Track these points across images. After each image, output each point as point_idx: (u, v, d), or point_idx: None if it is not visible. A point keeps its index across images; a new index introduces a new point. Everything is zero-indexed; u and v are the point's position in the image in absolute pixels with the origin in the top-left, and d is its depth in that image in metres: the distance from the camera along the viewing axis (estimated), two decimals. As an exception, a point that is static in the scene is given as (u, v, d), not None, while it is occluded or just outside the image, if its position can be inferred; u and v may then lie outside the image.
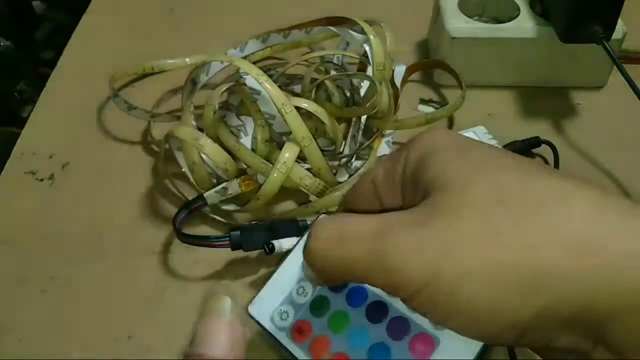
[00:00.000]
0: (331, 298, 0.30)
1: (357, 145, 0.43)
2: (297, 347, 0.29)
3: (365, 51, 0.42)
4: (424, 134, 0.25)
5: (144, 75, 0.51)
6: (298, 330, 0.29)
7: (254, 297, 0.31)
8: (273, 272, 0.31)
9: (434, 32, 0.52)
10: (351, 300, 0.29)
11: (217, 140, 0.39)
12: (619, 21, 0.46)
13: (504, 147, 0.41)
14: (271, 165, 0.38)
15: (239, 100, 0.43)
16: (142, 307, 0.37)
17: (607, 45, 0.44)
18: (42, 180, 0.44)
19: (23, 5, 0.76)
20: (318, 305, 0.30)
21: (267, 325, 0.30)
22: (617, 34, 0.46)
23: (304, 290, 0.30)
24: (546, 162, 0.45)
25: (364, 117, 0.44)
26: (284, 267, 0.31)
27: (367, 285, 0.29)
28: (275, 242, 0.36)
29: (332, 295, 0.30)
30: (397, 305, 0.28)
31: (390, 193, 0.24)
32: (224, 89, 0.41)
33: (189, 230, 0.40)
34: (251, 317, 0.30)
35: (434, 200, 0.21)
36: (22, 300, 0.37)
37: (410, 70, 0.50)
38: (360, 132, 0.43)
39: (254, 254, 0.38)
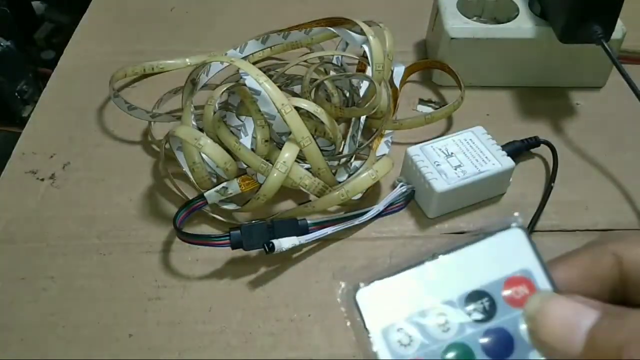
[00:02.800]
0: (479, 356, 0.21)
1: (357, 145, 0.43)
2: None
3: (364, 52, 0.42)
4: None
5: (144, 75, 0.51)
6: None
7: (366, 281, 0.22)
8: (403, 265, 0.23)
9: (433, 32, 0.52)
10: None
11: (217, 140, 0.39)
12: (619, 21, 0.46)
13: (503, 147, 0.41)
14: (271, 165, 0.38)
15: (239, 100, 0.43)
16: (143, 306, 0.37)
17: (606, 45, 0.44)
18: (42, 179, 0.44)
19: (23, 5, 0.76)
20: (457, 357, 0.21)
21: (376, 339, 0.22)
22: (616, 34, 0.46)
23: (447, 323, 0.22)
24: (545, 162, 0.45)
25: (363, 117, 0.44)
26: (427, 270, 0.22)
27: None
28: (275, 242, 0.36)
29: (483, 358, 0.22)
30: None
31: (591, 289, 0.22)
32: (224, 89, 0.41)
33: (190, 229, 0.40)
34: (356, 306, 0.22)
35: None
36: (22, 299, 0.37)
37: (409, 71, 0.50)
38: (360, 132, 0.43)
39: (254, 253, 0.39)
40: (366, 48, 0.42)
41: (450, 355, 0.21)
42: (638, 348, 0.18)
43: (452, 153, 0.40)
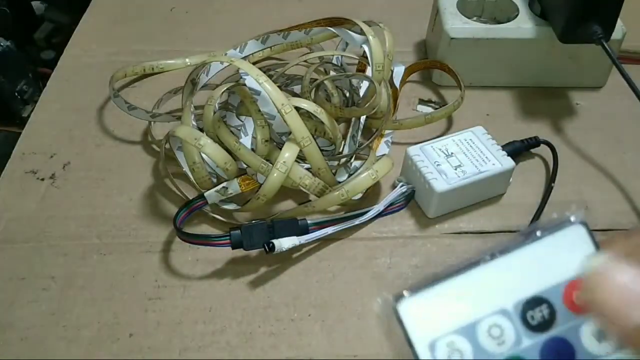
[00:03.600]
0: None
1: (357, 145, 0.43)
2: None
3: (364, 52, 0.42)
4: None
5: (144, 75, 0.52)
6: None
7: (409, 291, 0.20)
8: (450, 271, 0.20)
9: (433, 32, 0.52)
10: None
11: (217, 140, 0.40)
12: (619, 21, 0.46)
13: (503, 147, 0.41)
14: (271, 165, 0.38)
15: (239, 100, 0.43)
16: (143, 306, 0.37)
17: (606, 45, 0.44)
18: (42, 179, 0.44)
19: (23, 5, 0.76)
20: None
21: (421, 351, 0.19)
22: (616, 34, 0.46)
23: (502, 335, 0.19)
24: (545, 162, 0.45)
25: (363, 117, 0.44)
26: (478, 275, 0.20)
27: None
28: (275, 241, 0.36)
29: None
30: None
31: None
32: (224, 89, 0.41)
33: (190, 229, 0.40)
34: (398, 318, 0.20)
35: None
36: (22, 299, 0.37)
37: (409, 71, 0.50)
38: (360, 132, 0.43)
39: (254, 253, 0.39)
40: (366, 48, 0.42)
41: None
42: None
43: (452, 153, 0.40)
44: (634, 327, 0.17)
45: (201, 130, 0.40)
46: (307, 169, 0.39)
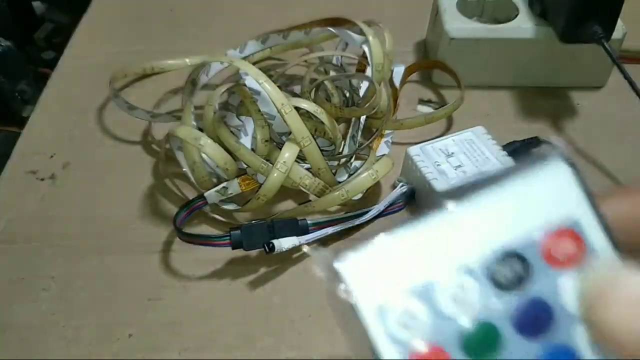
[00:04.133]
0: (508, 340, 0.16)
1: (357, 145, 0.43)
2: None
3: (364, 52, 0.42)
4: None
5: (144, 75, 0.51)
6: None
7: (353, 248, 0.16)
8: (402, 223, 0.16)
9: (433, 32, 0.52)
10: None
11: (217, 140, 0.39)
12: (619, 21, 0.46)
13: (504, 147, 0.41)
14: (271, 165, 0.38)
15: (239, 100, 0.43)
16: (143, 306, 0.37)
17: (606, 45, 0.44)
18: (42, 179, 0.44)
19: (23, 5, 0.76)
20: (480, 340, 0.16)
21: (368, 317, 0.16)
22: (617, 33, 0.46)
23: (465, 296, 0.16)
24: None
25: (363, 118, 0.44)
26: (436, 226, 0.16)
27: (582, 355, 0.16)
28: (275, 242, 0.36)
29: (513, 337, 0.16)
30: None
31: None
32: (224, 89, 0.41)
33: (190, 229, 0.40)
34: (342, 279, 0.16)
35: None
36: (22, 299, 0.37)
37: (409, 71, 0.50)
38: (360, 133, 0.43)
39: (254, 253, 0.39)
40: (366, 48, 0.42)
41: (471, 337, 0.16)
42: None
43: (452, 153, 0.40)
44: None
45: (201, 130, 0.40)
46: (307, 169, 0.39)
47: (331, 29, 0.44)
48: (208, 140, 0.38)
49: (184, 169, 0.42)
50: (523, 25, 0.48)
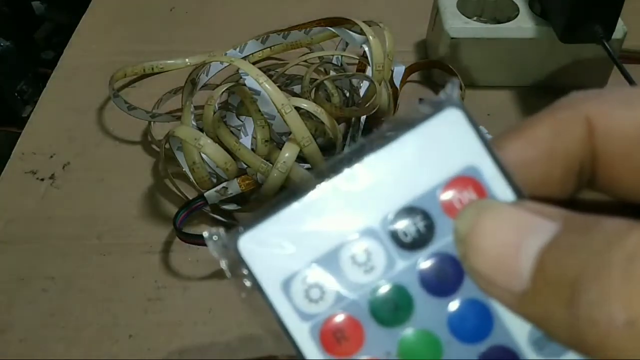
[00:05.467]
0: (419, 302, 0.16)
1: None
2: None
3: (364, 51, 0.42)
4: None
5: (144, 75, 0.51)
6: (336, 333, 0.16)
7: (248, 224, 0.16)
8: (295, 194, 0.16)
9: (433, 32, 0.52)
10: (458, 326, 0.15)
11: (217, 140, 0.39)
12: (619, 21, 0.46)
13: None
14: (271, 165, 0.38)
15: (239, 100, 0.43)
16: (143, 306, 0.37)
17: (607, 45, 0.44)
18: (42, 180, 0.44)
19: (23, 5, 0.76)
20: (388, 305, 0.16)
21: (273, 294, 0.16)
22: (617, 33, 0.46)
23: (370, 260, 0.15)
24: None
25: (363, 118, 0.44)
26: (329, 193, 0.16)
27: (499, 312, 0.15)
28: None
29: (424, 297, 0.16)
30: None
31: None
32: (224, 89, 0.41)
33: (190, 229, 0.40)
34: (241, 259, 0.16)
35: None
36: (22, 299, 0.37)
37: (409, 71, 0.50)
38: (360, 132, 0.43)
39: (254, 253, 0.38)
40: (366, 48, 0.42)
41: (380, 302, 0.15)
42: (595, 283, 0.12)
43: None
44: (515, 294, 0.13)
45: (201, 130, 0.40)
46: (307, 169, 0.39)
47: (331, 28, 0.44)
48: (208, 140, 0.38)
49: (183, 169, 0.42)
50: (523, 25, 0.48)
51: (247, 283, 0.16)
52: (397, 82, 0.47)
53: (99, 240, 0.40)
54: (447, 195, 0.15)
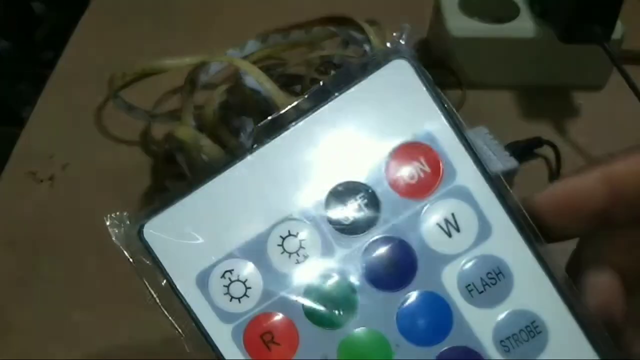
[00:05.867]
0: (363, 297, 0.13)
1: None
2: None
3: (365, 51, 0.42)
4: None
5: (144, 75, 0.51)
6: (264, 336, 0.13)
7: (156, 210, 0.14)
8: (214, 171, 0.13)
9: (434, 31, 0.52)
10: (409, 324, 0.13)
11: (217, 140, 0.39)
12: (619, 21, 0.46)
13: (506, 147, 0.41)
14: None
15: (239, 100, 0.43)
16: (143, 307, 0.36)
17: (606, 45, 0.44)
18: (42, 180, 0.44)
19: (23, 5, 0.76)
20: (327, 302, 0.13)
21: (186, 292, 0.14)
22: (616, 34, 0.46)
23: (303, 248, 0.13)
24: (548, 162, 0.45)
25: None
26: (252, 168, 0.13)
27: (459, 309, 0.13)
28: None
29: (369, 292, 0.13)
30: None
31: None
32: (224, 89, 0.41)
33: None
34: (146, 247, 0.14)
35: None
36: (22, 300, 0.37)
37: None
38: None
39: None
40: (367, 47, 0.42)
41: (316, 298, 0.12)
42: None
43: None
44: None
45: (201, 130, 0.40)
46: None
47: (332, 28, 0.44)
48: (208, 140, 0.38)
49: (183, 170, 0.42)
50: (524, 25, 0.48)
51: (155, 275, 0.13)
52: (397, 82, 0.47)
53: (99, 241, 0.40)
54: (395, 167, 0.13)
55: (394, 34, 0.13)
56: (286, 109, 0.13)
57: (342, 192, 0.12)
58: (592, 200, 0.17)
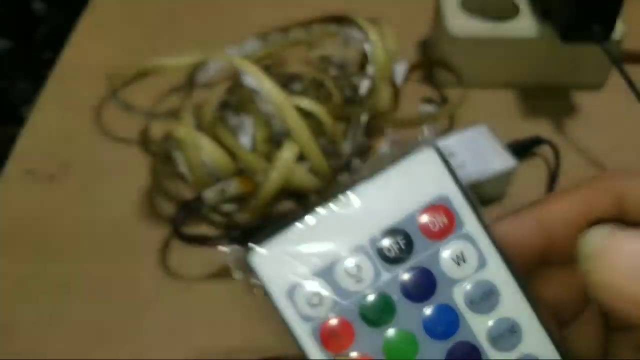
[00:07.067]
0: (399, 307, 0.19)
1: (357, 144, 0.43)
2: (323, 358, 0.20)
3: (365, 50, 0.42)
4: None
5: (143, 75, 0.51)
6: (331, 334, 0.19)
7: (260, 242, 0.19)
8: (298, 215, 0.20)
9: (435, 31, 0.52)
10: (431, 326, 0.19)
11: (216, 140, 0.39)
12: (619, 21, 0.46)
13: (506, 146, 0.41)
14: (271, 165, 0.38)
15: (239, 99, 0.43)
16: (142, 306, 0.37)
17: (606, 45, 0.44)
18: (41, 180, 0.44)
19: (23, 5, 0.76)
20: (375, 309, 0.19)
21: (279, 300, 0.19)
22: (616, 34, 0.46)
23: (360, 272, 0.19)
24: (547, 161, 0.45)
25: (364, 116, 0.43)
26: (327, 216, 0.19)
27: (464, 316, 0.20)
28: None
29: (404, 303, 0.19)
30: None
31: None
32: (223, 88, 0.41)
33: (188, 230, 0.40)
34: (254, 271, 0.20)
35: None
36: (22, 300, 0.37)
37: (410, 69, 0.50)
38: (360, 131, 0.43)
39: (253, 253, 0.38)
40: (367, 46, 0.42)
41: (368, 306, 0.19)
42: None
43: (454, 152, 0.40)
44: None
45: (200, 130, 0.40)
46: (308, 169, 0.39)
47: (332, 27, 0.44)
48: (207, 140, 0.38)
49: (182, 169, 0.42)
50: (524, 25, 0.48)
51: (259, 290, 0.19)
52: (398, 81, 0.47)
53: (98, 241, 0.40)
54: (424, 219, 0.19)
55: (424, 134, 0.20)
56: (360, 172, 0.20)
57: (388, 235, 0.19)
58: (528, 243, 0.20)
